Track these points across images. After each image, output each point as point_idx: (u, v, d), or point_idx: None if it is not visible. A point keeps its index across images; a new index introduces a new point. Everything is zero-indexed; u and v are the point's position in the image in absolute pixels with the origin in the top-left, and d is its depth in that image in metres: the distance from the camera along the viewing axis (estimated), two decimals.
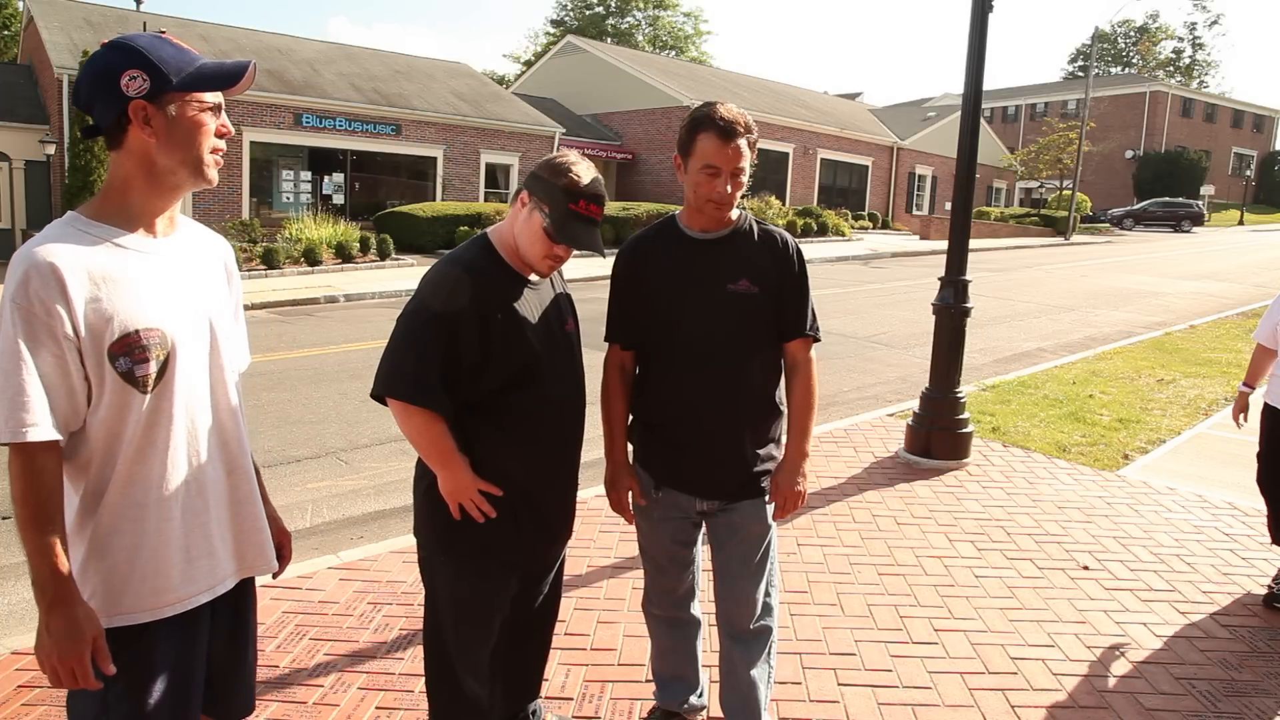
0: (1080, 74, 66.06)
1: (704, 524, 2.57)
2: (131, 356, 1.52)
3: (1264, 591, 3.93)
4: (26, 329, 1.44)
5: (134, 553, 1.59)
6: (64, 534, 1.51)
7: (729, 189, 2.29)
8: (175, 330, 1.59)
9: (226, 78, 1.60)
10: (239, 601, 1.80)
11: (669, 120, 29.23)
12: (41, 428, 1.45)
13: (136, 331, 1.52)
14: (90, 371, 1.51)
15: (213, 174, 1.63)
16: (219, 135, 1.63)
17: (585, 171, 2.14)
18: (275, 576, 1.92)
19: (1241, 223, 48.12)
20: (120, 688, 1.58)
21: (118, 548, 1.58)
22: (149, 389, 1.55)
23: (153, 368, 1.55)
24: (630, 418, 2.58)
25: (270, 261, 16.75)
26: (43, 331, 1.45)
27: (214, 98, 1.61)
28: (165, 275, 1.60)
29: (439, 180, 24.45)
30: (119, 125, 1.55)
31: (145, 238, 1.60)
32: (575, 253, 2.23)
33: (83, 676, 1.51)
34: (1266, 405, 3.90)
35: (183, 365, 1.60)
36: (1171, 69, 73.08)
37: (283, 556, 1.93)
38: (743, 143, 2.27)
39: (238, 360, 1.81)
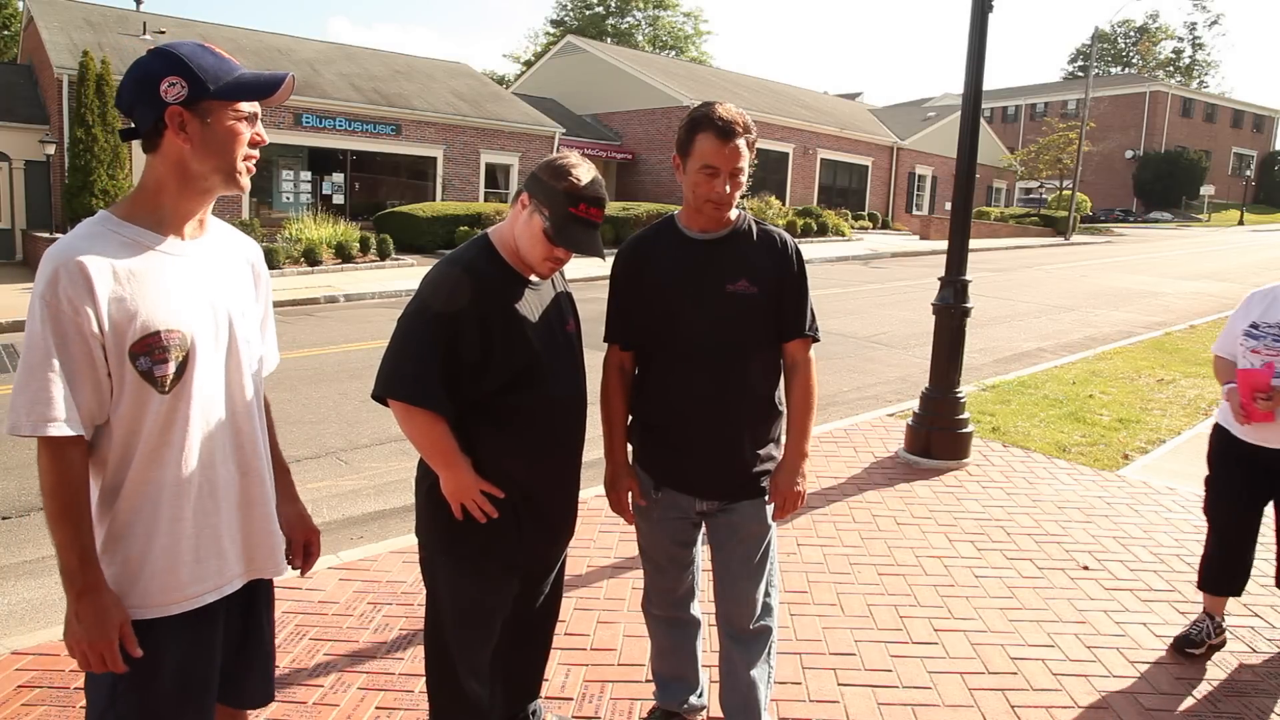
0: (1080, 74, 66.04)
1: (704, 524, 2.58)
2: (152, 356, 1.56)
3: (1261, 591, 3.93)
4: (55, 326, 1.49)
5: (145, 550, 1.62)
6: (91, 526, 1.57)
7: (728, 189, 2.29)
8: (196, 332, 1.62)
9: (263, 88, 1.63)
10: (253, 600, 1.84)
11: (669, 120, 29.23)
12: (63, 423, 1.50)
13: (158, 332, 1.56)
14: (112, 369, 1.55)
15: (245, 181, 1.66)
16: (253, 144, 1.66)
17: (586, 174, 2.13)
18: (304, 574, 1.97)
19: (1241, 223, 48.12)
20: (128, 680, 1.62)
21: (130, 544, 1.62)
22: (167, 389, 1.59)
23: (171, 368, 1.58)
24: (630, 418, 2.58)
25: (270, 262, 16.72)
26: (70, 328, 1.49)
27: (250, 107, 1.64)
28: (190, 277, 1.64)
29: (439, 180, 24.45)
30: (156, 130, 1.59)
31: (174, 240, 1.64)
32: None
33: (111, 661, 1.57)
34: (1217, 426, 3.46)
35: (201, 367, 1.63)
36: (1171, 69, 73.10)
37: (311, 553, 1.98)
38: (741, 143, 2.27)
39: (261, 362, 1.83)
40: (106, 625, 1.55)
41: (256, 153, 1.68)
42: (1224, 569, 3.42)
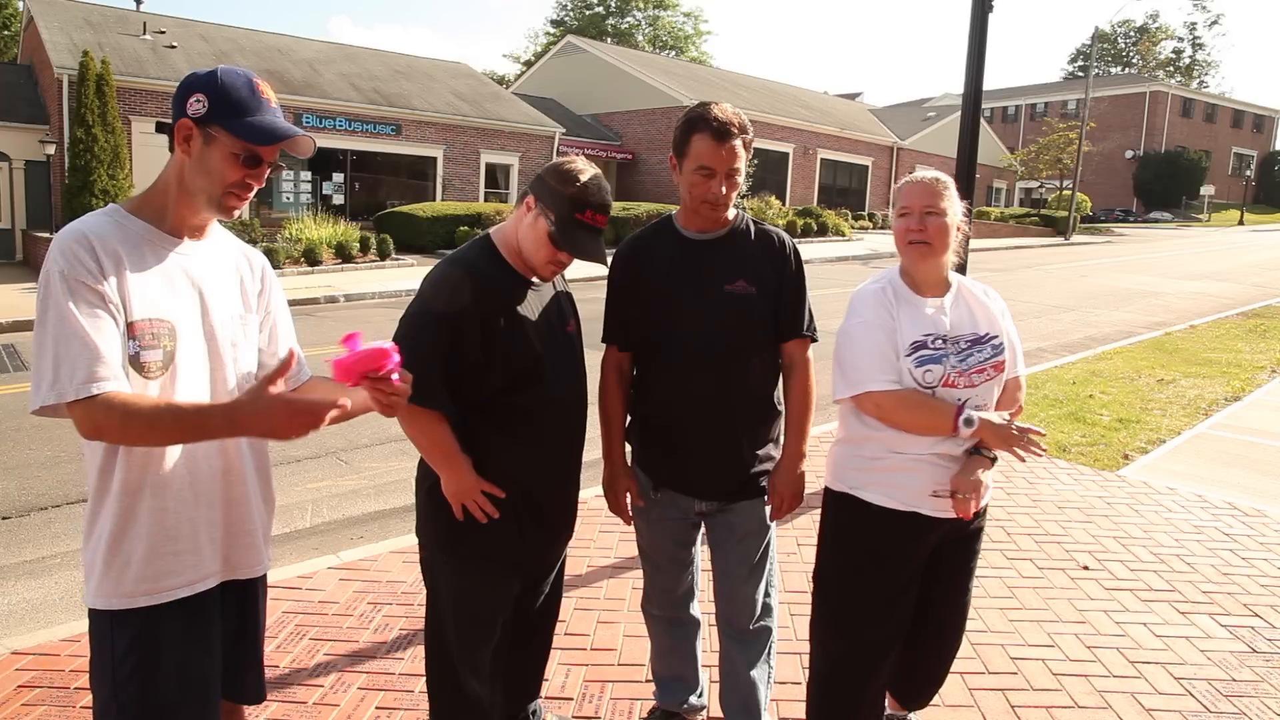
0: (1080, 74, 66.05)
1: (703, 524, 2.58)
2: (140, 342, 1.58)
3: (1261, 591, 3.93)
4: (73, 293, 1.51)
5: (123, 535, 1.63)
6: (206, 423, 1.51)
7: (724, 189, 2.29)
8: (184, 326, 1.65)
9: (263, 136, 1.65)
10: (245, 597, 1.85)
11: (669, 120, 29.22)
12: (109, 382, 1.49)
13: (148, 319, 1.59)
14: None
15: (231, 213, 1.70)
16: (246, 183, 1.68)
17: (592, 180, 2.14)
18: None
19: (1241, 223, 48.12)
20: (127, 671, 1.64)
21: (115, 528, 1.63)
22: (152, 376, 1.60)
23: (158, 356, 1.61)
24: (628, 418, 2.58)
25: (270, 262, 16.68)
26: (89, 293, 1.52)
27: (254, 148, 1.66)
28: (185, 274, 1.68)
29: (439, 180, 24.45)
30: (171, 134, 1.67)
31: (174, 238, 1.69)
32: None
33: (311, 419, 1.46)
34: (827, 489, 2.54)
35: (185, 361, 1.65)
36: (1171, 69, 73.11)
37: None
38: (737, 143, 2.27)
39: (250, 365, 1.83)
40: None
41: (249, 193, 1.70)
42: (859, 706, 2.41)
